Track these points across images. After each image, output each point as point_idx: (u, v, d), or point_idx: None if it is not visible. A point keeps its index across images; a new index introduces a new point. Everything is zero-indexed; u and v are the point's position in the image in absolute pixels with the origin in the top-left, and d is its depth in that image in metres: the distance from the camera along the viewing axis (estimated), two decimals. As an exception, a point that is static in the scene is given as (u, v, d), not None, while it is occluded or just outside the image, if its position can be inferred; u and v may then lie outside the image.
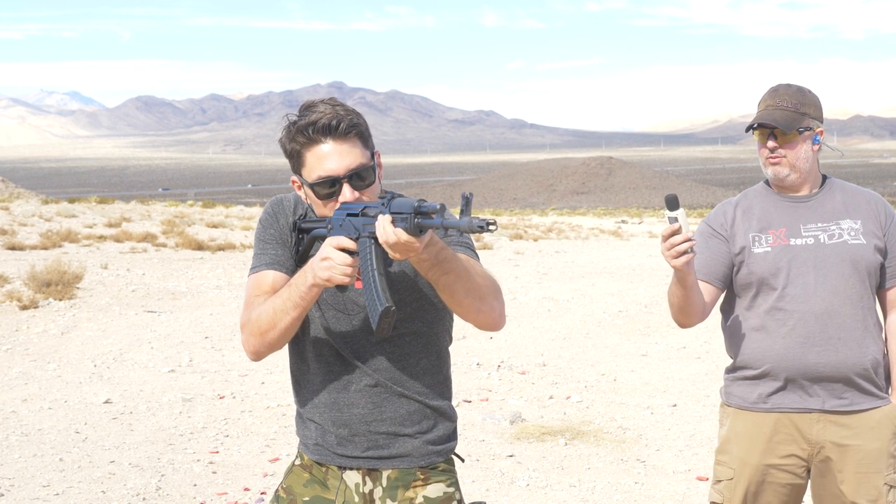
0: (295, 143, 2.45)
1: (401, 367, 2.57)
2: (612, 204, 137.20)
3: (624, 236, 32.09)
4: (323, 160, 2.42)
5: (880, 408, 3.23)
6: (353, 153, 2.43)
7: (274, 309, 2.47)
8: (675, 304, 3.21)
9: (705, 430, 7.29)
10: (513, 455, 6.68)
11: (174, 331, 11.12)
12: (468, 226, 2.16)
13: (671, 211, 2.93)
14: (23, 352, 9.95)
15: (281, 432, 7.22)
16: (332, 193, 2.44)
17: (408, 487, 2.58)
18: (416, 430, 2.59)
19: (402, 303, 2.53)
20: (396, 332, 2.54)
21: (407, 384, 2.58)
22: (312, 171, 2.44)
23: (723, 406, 3.41)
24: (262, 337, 2.51)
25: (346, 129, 2.42)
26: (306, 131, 2.42)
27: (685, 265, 2.98)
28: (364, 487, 2.59)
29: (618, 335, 11.33)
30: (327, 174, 2.42)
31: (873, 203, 3.29)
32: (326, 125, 2.40)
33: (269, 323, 2.48)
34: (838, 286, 3.18)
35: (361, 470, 2.59)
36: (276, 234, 2.60)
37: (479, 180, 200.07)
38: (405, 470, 2.58)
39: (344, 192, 2.43)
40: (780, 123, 3.18)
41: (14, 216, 25.33)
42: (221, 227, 26.87)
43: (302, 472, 2.67)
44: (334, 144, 2.41)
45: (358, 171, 2.43)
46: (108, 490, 5.93)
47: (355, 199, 2.44)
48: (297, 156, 2.46)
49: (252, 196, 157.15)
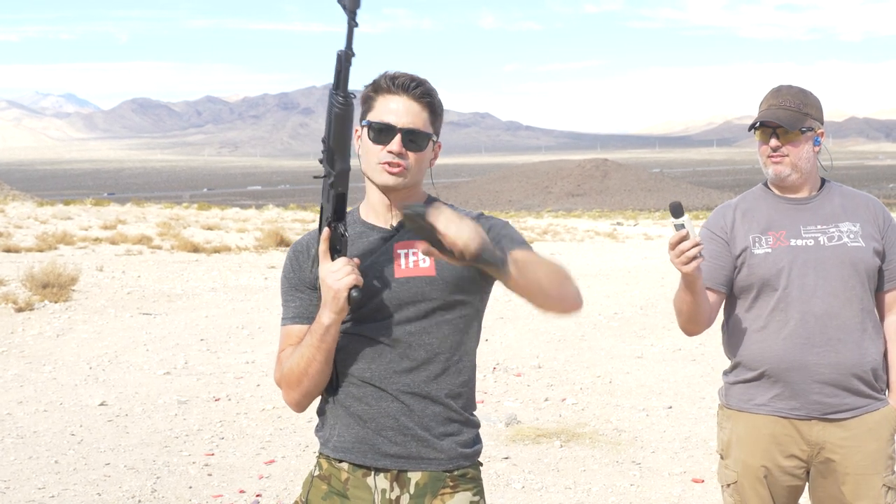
0: (372, 90, 2.59)
1: (424, 367, 2.56)
2: (607, 206, 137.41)
3: (619, 238, 32.13)
4: (390, 108, 2.55)
5: (879, 409, 3.23)
6: (419, 116, 2.56)
7: (301, 357, 2.53)
8: (684, 311, 3.22)
9: (700, 432, 7.30)
10: (508, 457, 6.68)
11: (169, 333, 11.11)
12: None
13: (676, 218, 2.94)
14: (18, 354, 9.93)
15: (276, 435, 7.22)
16: (385, 140, 2.54)
17: (435, 495, 2.55)
18: (444, 431, 2.56)
19: (431, 294, 2.55)
20: (429, 326, 2.56)
21: (430, 383, 2.56)
22: (376, 116, 2.56)
23: (722, 408, 3.40)
24: (299, 387, 2.56)
25: (421, 94, 2.56)
26: (387, 81, 2.57)
27: (695, 270, 3.00)
28: (391, 493, 2.55)
29: (613, 337, 11.34)
30: (388, 121, 2.54)
31: (871, 206, 3.30)
32: (406, 83, 2.55)
33: (301, 372, 2.53)
34: (838, 288, 3.18)
35: (390, 474, 2.55)
36: (297, 282, 2.65)
37: (474, 182, 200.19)
38: (435, 475, 2.55)
39: (394, 143, 2.53)
40: (784, 122, 3.19)
41: (9, 218, 25.32)
42: (217, 229, 26.87)
43: (321, 483, 2.61)
44: (405, 100, 2.55)
45: (415, 132, 2.55)
46: (103, 492, 5.92)
47: (399, 151, 2.51)
48: (369, 101, 2.59)
49: (248, 198, 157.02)
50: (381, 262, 2.56)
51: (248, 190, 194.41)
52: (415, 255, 2.56)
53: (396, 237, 2.59)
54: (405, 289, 2.54)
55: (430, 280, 2.55)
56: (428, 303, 2.55)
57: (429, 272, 2.55)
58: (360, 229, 2.63)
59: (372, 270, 2.55)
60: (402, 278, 2.54)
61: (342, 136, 2.51)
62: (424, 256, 2.50)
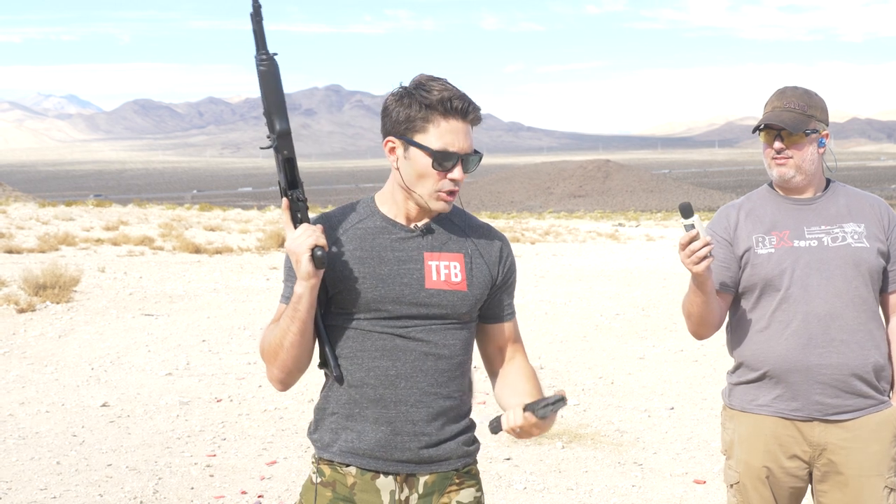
0: (424, 109, 2.49)
1: (444, 366, 2.56)
2: (609, 207, 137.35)
3: (621, 239, 32.11)
4: (456, 134, 2.50)
5: (882, 411, 3.23)
6: (472, 139, 2.55)
7: (278, 329, 2.52)
8: (694, 314, 3.22)
9: (703, 433, 7.29)
10: (510, 458, 6.67)
11: (171, 334, 11.11)
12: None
13: (686, 218, 2.96)
14: (20, 355, 9.94)
15: (278, 435, 7.22)
16: (447, 167, 2.50)
17: (443, 493, 2.55)
18: (454, 430, 2.57)
19: (460, 308, 2.57)
20: (448, 331, 2.57)
21: (449, 383, 2.57)
22: (438, 140, 2.49)
23: (725, 408, 3.41)
24: (276, 360, 2.53)
25: (476, 119, 2.54)
26: (445, 106, 2.49)
27: (706, 270, 3.02)
28: (401, 494, 2.53)
29: (615, 338, 11.33)
30: (455, 148, 2.50)
31: (876, 207, 3.29)
32: (464, 108, 2.50)
33: (277, 344, 2.52)
34: (841, 289, 3.17)
35: (399, 476, 2.53)
36: None
37: (475, 183, 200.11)
38: (443, 474, 2.56)
39: (456, 171, 2.51)
40: (788, 124, 3.19)
41: (11, 219, 25.33)
42: (219, 230, 26.87)
43: (325, 491, 2.56)
44: (462, 125, 2.51)
45: (471, 157, 2.54)
46: (105, 493, 5.92)
47: (461, 179, 2.53)
48: (420, 121, 2.50)
49: (249, 199, 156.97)
50: (409, 268, 2.54)
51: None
52: (447, 269, 2.56)
53: (425, 244, 2.57)
54: (435, 301, 2.53)
55: (462, 295, 2.57)
56: (455, 314, 2.57)
57: (460, 287, 2.57)
58: (380, 223, 2.59)
59: (399, 275, 2.53)
60: (432, 290, 2.54)
61: (274, 94, 2.48)
62: (457, 271, 2.56)
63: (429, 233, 2.57)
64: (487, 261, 2.62)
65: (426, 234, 2.57)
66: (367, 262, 2.54)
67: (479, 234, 2.64)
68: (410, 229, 2.57)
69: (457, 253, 2.58)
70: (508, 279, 2.67)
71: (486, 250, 2.63)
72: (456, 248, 2.59)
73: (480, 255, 2.61)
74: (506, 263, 2.66)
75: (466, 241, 2.61)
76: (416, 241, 2.57)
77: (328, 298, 2.56)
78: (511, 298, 2.71)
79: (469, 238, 2.62)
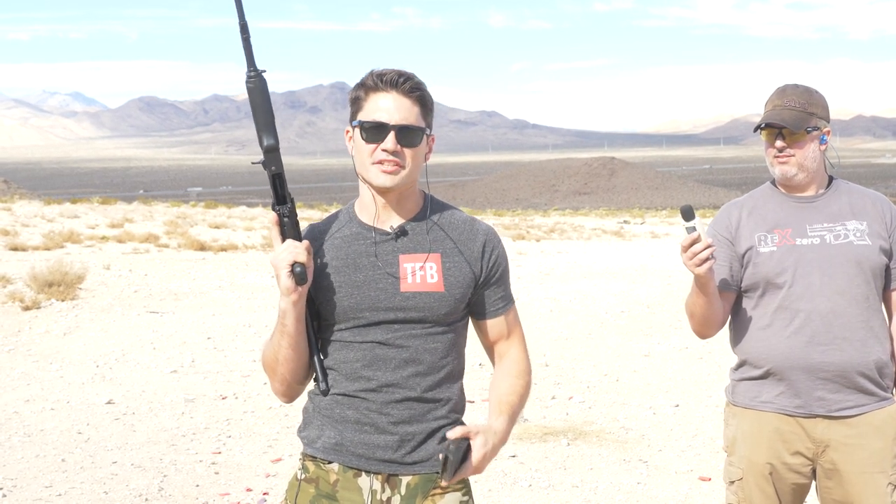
0: (360, 89, 2.56)
1: (426, 371, 2.55)
2: (614, 204, 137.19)
3: (626, 237, 32.09)
4: (381, 106, 2.52)
5: (884, 408, 3.23)
6: (410, 111, 2.52)
7: (271, 344, 2.56)
8: (697, 314, 3.23)
9: (708, 430, 7.28)
10: (515, 455, 6.67)
11: (176, 331, 11.12)
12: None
13: (687, 221, 2.98)
14: (25, 352, 9.95)
15: (283, 433, 7.22)
16: (378, 138, 2.50)
17: (426, 496, 2.54)
18: (441, 435, 2.55)
19: (439, 310, 2.55)
20: (429, 336, 2.55)
21: (434, 388, 2.55)
22: (367, 115, 2.52)
23: (728, 405, 3.41)
24: (275, 374, 2.59)
25: (411, 88, 2.53)
26: (374, 79, 2.53)
27: (708, 271, 3.03)
28: (382, 494, 2.53)
29: (620, 335, 11.33)
30: (385, 119, 2.50)
31: (879, 205, 3.29)
32: (394, 79, 2.52)
33: (272, 359, 2.57)
34: (843, 286, 3.17)
35: (381, 476, 2.53)
36: None
37: (481, 181, 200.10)
38: (426, 477, 2.54)
39: (388, 140, 2.49)
40: (789, 123, 3.18)
41: (16, 217, 25.38)
42: (224, 227, 26.90)
43: (308, 487, 2.58)
44: (396, 96, 2.52)
45: (408, 128, 2.51)
46: (110, 491, 5.93)
47: (394, 149, 2.50)
48: (358, 101, 2.56)
49: (254, 197, 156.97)
50: (383, 273, 2.53)
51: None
52: (422, 270, 2.54)
53: (400, 246, 2.56)
54: (411, 304, 2.52)
55: (439, 296, 2.54)
56: (434, 316, 2.54)
57: (437, 288, 2.54)
58: (356, 229, 2.59)
59: (374, 280, 2.53)
60: (407, 293, 2.52)
61: (262, 110, 2.51)
62: (433, 272, 2.53)
63: (403, 234, 2.56)
64: (468, 258, 2.58)
65: (400, 235, 2.56)
66: (343, 270, 2.55)
67: (459, 231, 2.60)
68: (386, 232, 2.56)
69: (434, 253, 2.56)
70: (494, 274, 2.62)
71: (467, 247, 2.59)
72: (433, 247, 2.56)
73: (460, 253, 2.58)
74: (490, 258, 2.61)
75: (445, 240, 2.58)
76: (391, 244, 2.55)
77: (317, 311, 2.58)
78: (503, 292, 2.66)
79: (448, 236, 2.59)
